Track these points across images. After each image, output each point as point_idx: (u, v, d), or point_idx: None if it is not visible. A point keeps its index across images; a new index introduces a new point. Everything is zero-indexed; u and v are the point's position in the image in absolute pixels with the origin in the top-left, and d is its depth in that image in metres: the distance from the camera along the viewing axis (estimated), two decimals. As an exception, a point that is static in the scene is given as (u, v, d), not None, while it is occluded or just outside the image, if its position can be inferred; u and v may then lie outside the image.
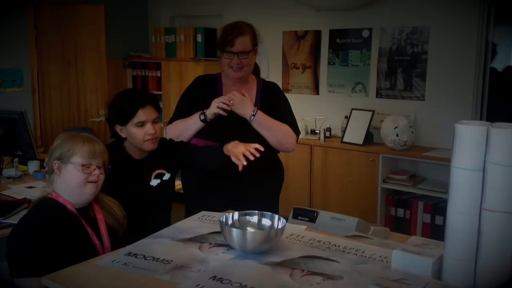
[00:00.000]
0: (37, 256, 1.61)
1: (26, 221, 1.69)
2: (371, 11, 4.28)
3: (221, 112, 2.16)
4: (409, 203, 3.93)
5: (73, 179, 1.71)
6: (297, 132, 2.33)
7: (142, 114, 1.95)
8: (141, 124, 1.95)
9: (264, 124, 2.22)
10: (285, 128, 2.27)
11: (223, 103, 2.14)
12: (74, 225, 1.72)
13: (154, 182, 2.06)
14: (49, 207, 1.71)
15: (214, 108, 2.16)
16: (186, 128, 2.24)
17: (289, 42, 4.81)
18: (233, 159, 1.94)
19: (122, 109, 1.96)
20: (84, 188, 1.72)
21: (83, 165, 1.70)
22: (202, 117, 2.19)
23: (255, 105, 2.24)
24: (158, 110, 2.03)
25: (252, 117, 2.19)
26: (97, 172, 1.73)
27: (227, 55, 2.20)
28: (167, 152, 2.12)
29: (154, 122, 1.98)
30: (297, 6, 4.58)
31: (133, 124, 1.96)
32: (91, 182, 1.72)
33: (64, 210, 1.71)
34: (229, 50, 2.18)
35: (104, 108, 1.76)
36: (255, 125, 2.21)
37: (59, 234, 1.66)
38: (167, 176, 2.09)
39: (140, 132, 1.96)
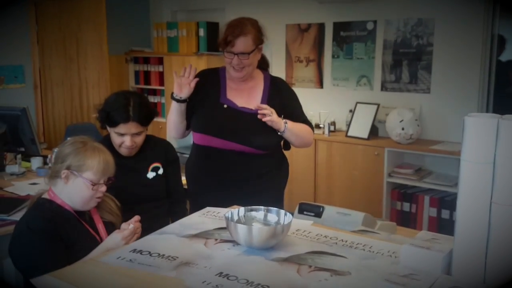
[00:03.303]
0: (50, 253, 1.62)
1: (29, 222, 1.68)
2: (375, 3, 4.24)
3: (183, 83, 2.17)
4: (415, 197, 3.90)
5: (80, 193, 1.72)
6: (313, 129, 2.37)
7: (122, 128, 2.03)
8: (121, 135, 2.04)
9: (295, 131, 2.23)
10: (306, 129, 2.30)
11: (264, 112, 2.12)
12: (74, 224, 1.73)
13: (151, 175, 2.16)
14: (48, 207, 1.71)
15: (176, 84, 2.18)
16: (170, 113, 2.28)
17: (292, 35, 4.78)
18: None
19: (108, 116, 2.04)
20: (89, 203, 1.75)
21: (93, 184, 1.71)
22: (172, 95, 2.22)
23: (262, 101, 2.23)
24: (144, 124, 2.07)
25: (286, 124, 2.18)
26: (104, 188, 1.75)
27: (228, 55, 2.17)
28: (163, 150, 2.22)
29: (136, 134, 2.06)
30: (300, -1, 4.55)
31: (113, 131, 2.06)
32: (97, 197, 1.75)
33: (63, 210, 1.73)
34: (230, 50, 2.15)
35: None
36: (286, 133, 2.20)
37: (63, 231, 1.68)
38: (161, 171, 2.19)
39: (118, 140, 2.06)
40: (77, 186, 1.71)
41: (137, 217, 1.75)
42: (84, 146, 1.73)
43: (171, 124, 2.30)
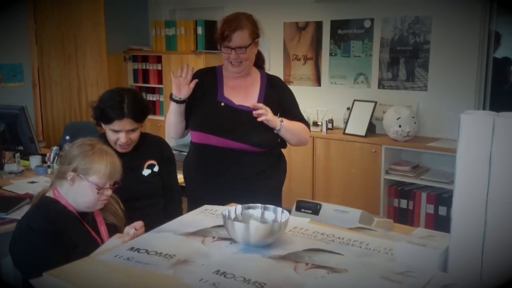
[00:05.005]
0: (50, 254, 1.61)
1: (31, 221, 1.68)
2: (372, 0, 4.24)
3: (181, 84, 2.18)
4: (412, 194, 3.92)
5: (86, 196, 1.72)
6: (309, 127, 2.37)
7: (117, 125, 2.03)
8: (116, 131, 2.05)
9: (290, 129, 2.24)
10: (303, 127, 2.31)
11: (259, 112, 2.12)
12: (77, 226, 1.73)
13: (146, 172, 2.17)
14: (52, 207, 1.71)
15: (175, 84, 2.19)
16: (169, 114, 2.29)
17: (290, 34, 4.78)
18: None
19: (103, 112, 2.05)
20: (94, 206, 1.74)
21: (99, 188, 1.70)
22: (171, 97, 2.23)
23: (259, 99, 2.23)
24: (139, 120, 2.08)
25: (282, 123, 2.19)
26: (109, 192, 1.75)
27: (225, 50, 2.18)
28: (158, 148, 2.23)
29: (131, 131, 2.06)
30: (298, -3, 4.55)
31: (108, 128, 2.07)
32: (101, 200, 1.75)
33: (66, 211, 1.72)
34: (227, 45, 2.16)
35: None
36: (282, 131, 2.21)
37: (64, 233, 1.68)
38: (157, 168, 2.20)
39: (113, 137, 2.07)
40: (83, 189, 1.70)
41: (140, 223, 1.72)
42: (92, 149, 1.72)
43: (171, 125, 2.30)
